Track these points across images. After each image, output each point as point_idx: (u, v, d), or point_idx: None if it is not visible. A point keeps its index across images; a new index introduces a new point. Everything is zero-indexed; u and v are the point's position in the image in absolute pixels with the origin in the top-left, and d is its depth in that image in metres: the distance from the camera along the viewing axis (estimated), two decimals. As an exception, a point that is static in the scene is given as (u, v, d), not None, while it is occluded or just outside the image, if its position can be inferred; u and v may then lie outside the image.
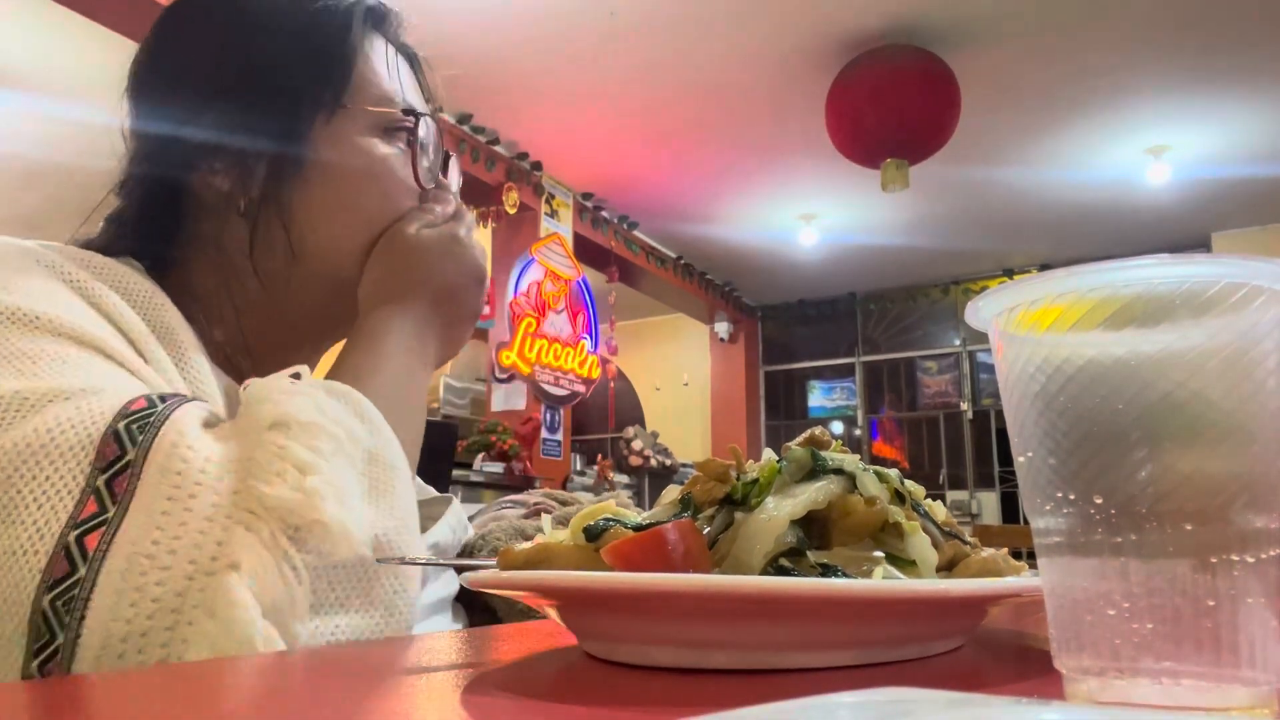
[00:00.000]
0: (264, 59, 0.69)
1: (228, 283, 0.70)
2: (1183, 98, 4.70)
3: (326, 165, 0.69)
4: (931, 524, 0.46)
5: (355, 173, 0.70)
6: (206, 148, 0.68)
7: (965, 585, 0.38)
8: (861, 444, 8.06)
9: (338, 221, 0.70)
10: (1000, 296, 0.30)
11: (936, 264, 7.26)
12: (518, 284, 5.30)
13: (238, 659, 0.42)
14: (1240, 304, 0.27)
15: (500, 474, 4.77)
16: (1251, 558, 0.26)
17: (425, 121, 0.73)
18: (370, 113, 0.71)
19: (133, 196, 0.71)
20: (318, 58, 0.69)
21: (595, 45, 4.24)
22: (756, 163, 5.46)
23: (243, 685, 0.36)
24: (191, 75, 0.70)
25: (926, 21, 4.03)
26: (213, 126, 0.67)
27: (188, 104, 0.68)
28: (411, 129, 0.73)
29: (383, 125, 0.71)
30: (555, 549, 0.44)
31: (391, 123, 0.72)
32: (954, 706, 0.21)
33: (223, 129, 0.68)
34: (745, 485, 0.44)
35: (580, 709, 0.32)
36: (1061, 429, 0.28)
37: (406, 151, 0.73)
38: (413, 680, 0.39)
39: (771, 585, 0.35)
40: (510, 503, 0.91)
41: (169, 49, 0.71)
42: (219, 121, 0.67)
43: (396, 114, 0.72)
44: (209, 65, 0.70)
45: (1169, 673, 0.26)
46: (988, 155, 5.27)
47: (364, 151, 0.70)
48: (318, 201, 0.69)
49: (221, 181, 0.68)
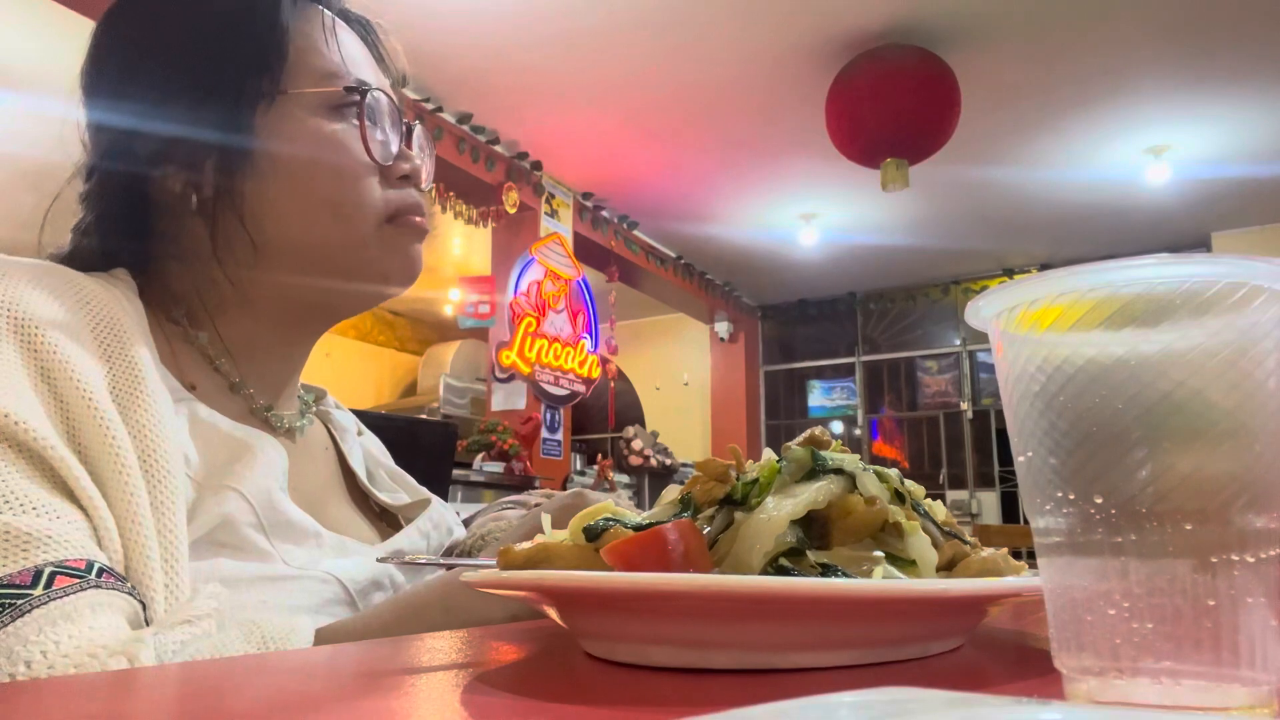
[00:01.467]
0: (196, 53, 0.68)
1: (199, 285, 0.70)
2: (1183, 98, 4.70)
3: (274, 153, 0.67)
4: (931, 524, 0.46)
5: (304, 156, 0.68)
6: (154, 149, 0.67)
7: (965, 585, 0.38)
8: (861, 444, 8.06)
9: (293, 209, 0.68)
10: (1000, 296, 0.30)
11: (936, 264, 7.26)
12: (518, 284, 5.30)
13: (238, 659, 0.42)
14: (1240, 304, 0.27)
15: (500, 474, 4.77)
16: (1251, 558, 0.26)
17: (374, 94, 0.70)
18: (312, 94, 0.68)
19: (97, 204, 0.70)
20: (248, 45, 0.68)
21: (595, 45, 4.24)
22: (756, 163, 5.46)
23: (243, 686, 0.36)
24: (131, 76, 0.69)
25: (926, 21, 4.03)
26: (156, 127, 0.67)
27: (131, 106, 0.68)
28: (358, 103, 0.69)
29: (329, 104, 0.69)
30: (555, 549, 0.44)
31: (336, 100, 0.69)
32: (954, 706, 0.21)
33: (165, 128, 0.67)
34: (745, 485, 0.44)
35: (580, 709, 0.32)
36: (1061, 428, 0.28)
37: (369, 128, 0.70)
38: (413, 680, 0.39)
39: (771, 585, 0.35)
40: (511, 503, 0.91)
41: (107, 52, 0.70)
42: (161, 121, 0.67)
43: (338, 91, 0.69)
44: (146, 65, 0.69)
45: (1169, 673, 0.26)
46: (988, 155, 5.27)
47: (310, 133, 0.68)
48: (270, 191, 0.67)
49: (173, 182, 0.68)
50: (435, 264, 7.02)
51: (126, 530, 0.51)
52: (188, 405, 0.64)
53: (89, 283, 0.61)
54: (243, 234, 0.67)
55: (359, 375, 7.94)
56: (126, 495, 0.52)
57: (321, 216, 0.68)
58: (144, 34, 0.70)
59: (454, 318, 7.59)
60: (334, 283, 0.70)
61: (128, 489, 0.52)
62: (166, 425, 0.57)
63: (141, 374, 0.58)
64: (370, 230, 0.70)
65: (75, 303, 0.58)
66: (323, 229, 0.68)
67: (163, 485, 0.54)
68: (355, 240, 0.69)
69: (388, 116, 0.72)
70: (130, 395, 0.56)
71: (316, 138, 0.68)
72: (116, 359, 0.57)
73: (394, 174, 0.71)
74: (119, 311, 0.60)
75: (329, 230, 0.68)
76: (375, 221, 0.70)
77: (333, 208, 0.68)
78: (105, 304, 0.60)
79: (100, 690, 0.36)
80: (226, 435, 0.64)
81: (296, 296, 0.71)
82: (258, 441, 0.65)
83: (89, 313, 0.58)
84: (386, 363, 8.42)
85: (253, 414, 0.71)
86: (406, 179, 0.73)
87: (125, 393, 0.56)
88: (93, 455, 0.52)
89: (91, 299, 0.59)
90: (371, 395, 8.06)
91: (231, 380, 0.70)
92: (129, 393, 0.56)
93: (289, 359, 0.75)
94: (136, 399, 0.56)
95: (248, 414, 0.71)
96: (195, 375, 0.68)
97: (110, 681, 0.38)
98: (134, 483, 0.52)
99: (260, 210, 0.67)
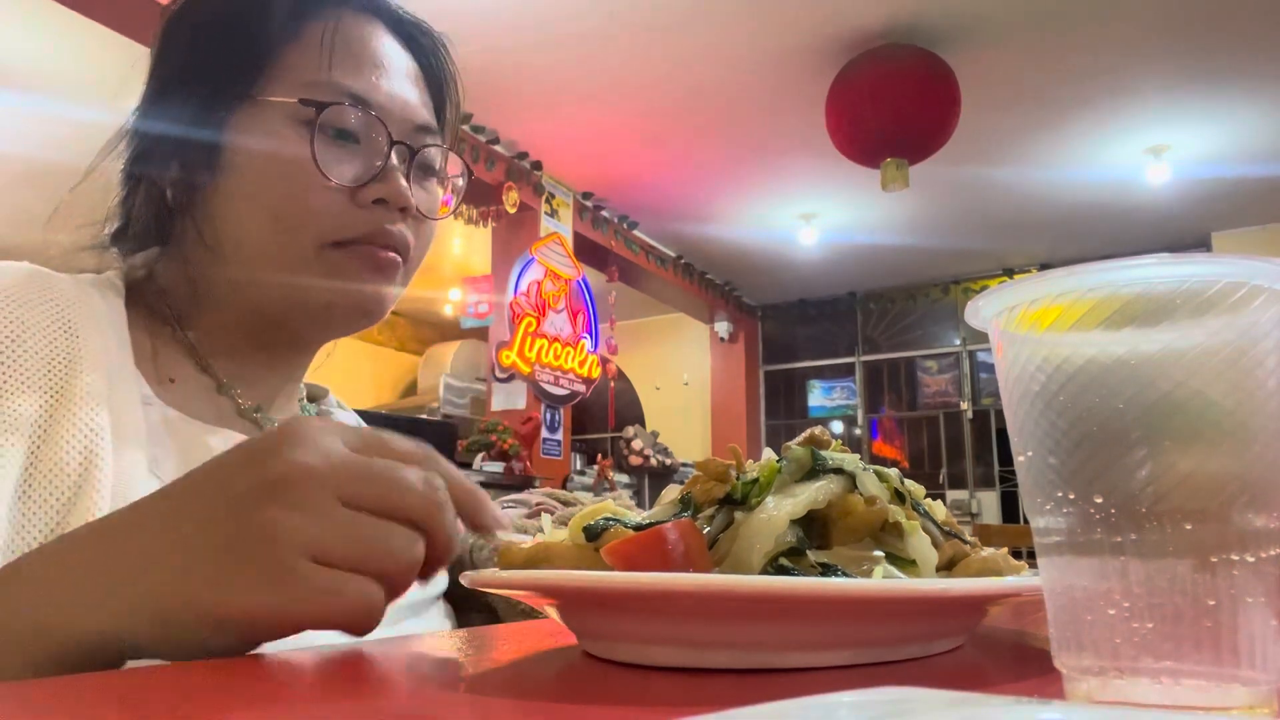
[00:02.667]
0: (188, 52, 0.69)
1: (180, 283, 0.70)
2: (1183, 98, 4.70)
3: (236, 156, 0.66)
4: (931, 523, 0.46)
5: (260, 164, 0.65)
6: (146, 145, 0.68)
7: (965, 585, 0.38)
8: (861, 443, 8.06)
9: (244, 217, 0.66)
10: (1000, 296, 0.30)
11: (936, 264, 7.26)
12: (518, 283, 5.31)
13: (236, 659, 0.42)
14: (1240, 303, 0.27)
15: (500, 474, 4.77)
16: (1251, 557, 0.26)
17: (344, 110, 0.66)
18: (279, 103, 0.65)
19: (117, 194, 0.72)
20: (227, 48, 0.68)
21: (595, 45, 4.24)
22: (756, 162, 5.46)
23: (243, 686, 0.36)
24: (151, 74, 0.70)
25: (926, 21, 4.03)
26: (148, 123, 0.68)
27: (143, 102, 0.70)
28: (316, 117, 0.65)
29: (303, 117, 0.65)
30: (555, 548, 0.44)
31: (302, 113, 0.65)
32: (954, 706, 0.21)
33: (154, 125, 0.68)
34: (745, 485, 0.44)
35: (580, 709, 0.32)
36: (1061, 428, 0.28)
37: (341, 144, 0.66)
38: (413, 680, 0.39)
39: (771, 585, 0.35)
40: (512, 503, 0.91)
41: (153, 49, 0.72)
42: (153, 118, 0.68)
43: (293, 103, 0.65)
44: (159, 63, 0.70)
45: (1169, 672, 0.26)
46: (988, 155, 5.27)
47: (271, 142, 0.65)
48: (224, 193, 0.66)
49: (156, 178, 0.68)
50: (435, 264, 7.02)
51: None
52: (160, 409, 0.63)
53: (62, 283, 0.61)
54: (198, 231, 0.67)
55: (359, 375, 7.95)
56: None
57: (264, 222, 0.65)
58: (168, 35, 0.71)
59: (454, 318, 7.60)
60: (279, 295, 0.67)
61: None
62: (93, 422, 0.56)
63: (81, 374, 0.57)
64: (310, 247, 0.65)
65: (39, 299, 0.58)
66: (263, 235, 0.65)
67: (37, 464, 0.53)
68: (294, 253, 0.65)
69: (375, 136, 0.67)
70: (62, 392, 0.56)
71: (275, 145, 0.65)
72: (59, 358, 0.57)
73: (365, 197, 0.66)
74: (83, 314, 0.60)
75: (269, 237, 0.65)
76: (318, 240, 0.65)
77: (274, 214, 0.65)
78: (70, 304, 0.60)
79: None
80: (202, 441, 0.63)
81: (251, 303, 0.69)
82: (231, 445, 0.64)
83: (49, 310, 0.58)
84: (387, 362, 8.43)
85: (241, 416, 0.70)
86: (384, 204, 0.67)
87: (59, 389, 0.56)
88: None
89: (58, 299, 0.59)
90: (372, 395, 8.06)
91: (219, 381, 0.70)
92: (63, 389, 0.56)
93: (277, 365, 0.74)
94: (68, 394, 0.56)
95: (235, 416, 0.70)
96: (179, 374, 0.68)
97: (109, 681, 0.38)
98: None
99: (216, 211, 0.67)
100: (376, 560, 0.40)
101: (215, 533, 0.40)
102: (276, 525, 0.39)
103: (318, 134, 0.65)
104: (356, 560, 0.40)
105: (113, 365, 0.60)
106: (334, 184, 0.65)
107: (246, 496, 0.40)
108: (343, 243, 0.66)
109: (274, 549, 0.39)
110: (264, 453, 0.41)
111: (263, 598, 0.39)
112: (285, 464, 0.40)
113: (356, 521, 0.40)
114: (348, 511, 0.40)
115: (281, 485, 0.40)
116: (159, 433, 0.61)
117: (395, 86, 0.70)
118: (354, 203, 0.66)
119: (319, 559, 0.39)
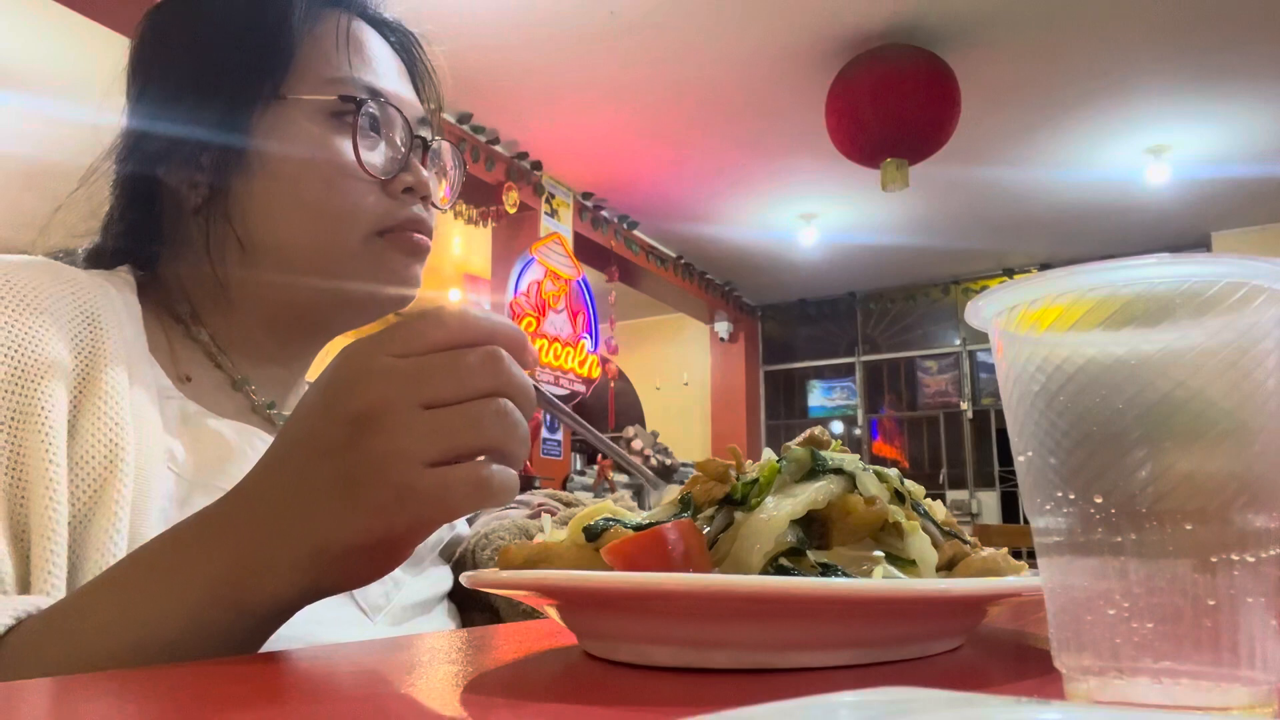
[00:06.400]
0: (203, 52, 0.69)
1: (198, 283, 0.70)
2: (1183, 98, 4.70)
3: (267, 155, 0.67)
4: (931, 523, 0.46)
5: (295, 160, 0.67)
6: (161, 147, 0.68)
7: (965, 585, 0.38)
8: (861, 444, 8.06)
9: (281, 215, 0.67)
10: (1000, 296, 0.30)
11: (936, 264, 7.26)
12: (518, 283, 5.30)
13: (236, 660, 0.42)
14: (1240, 304, 0.27)
15: (500, 474, 4.76)
16: (1251, 557, 0.26)
17: (376, 105, 0.69)
18: (310, 100, 0.67)
19: (114, 198, 0.72)
20: (252, 46, 0.68)
21: (595, 45, 4.24)
22: (756, 163, 5.46)
23: (242, 685, 0.36)
24: (154, 74, 0.70)
25: (926, 21, 4.03)
26: (163, 125, 0.68)
27: (150, 104, 0.69)
28: (353, 112, 0.68)
29: (328, 110, 0.67)
30: (555, 549, 0.44)
31: (334, 107, 0.68)
32: (954, 706, 0.21)
33: (170, 127, 0.67)
34: (745, 485, 0.44)
35: (580, 709, 0.32)
36: (1061, 428, 0.28)
37: (369, 138, 0.69)
38: (413, 680, 0.39)
39: (771, 585, 0.35)
40: (513, 503, 0.91)
41: (144, 49, 0.72)
42: (168, 120, 0.68)
43: (333, 99, 0.67)
44: (165, 64, 0.70)
45: (1169, 672, 0.26)
46: (988, 155, 5.27)
47: (304, 138, 0.67)
48: (260, 195, 0.67)
49: (175, 180, 0.68)
50: (435, 264, 7.02)
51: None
52: (179, 403, 0.64)
53: (79, 275, 0.61)
54: (234, 236, 0.67)
55: (359, 375, 7.94)
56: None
57: (307, 220, 0.67)
58: (171, 27, 0.72)
59: (454, 318, 7.58)
60: (321, 290, 0.69)
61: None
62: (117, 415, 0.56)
63: (105, 366, 0.57)
64: (357, 240, 0.68)
65: (62, 291, 0.58)
66: (308, 233, 0.67)
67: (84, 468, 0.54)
68: (341, 248, 0.68)
69: (397, 128, 0.71)
70: (87, 383, 0.56)
71: (309, 142, 0.67)
72: (84, 349, 0.57)
73: (396, 187, 0.70)
74: (104, 305, 0.60)
75: (314, 235, 0.67)
76: (364, 231, 0.68)
77: (318, 212, 0.67)
78: (91, 295, 0.60)
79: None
80: (219, 435, 0.64)
81: (285, 300, 0.70)
82: (252, 440, 0.65)
83: (72, 302, 0.59)
84: (386, 363, 8.41)
85: (255, 412, 0.71)
86: (411, 193, 0.70)
87: (84, 380, 0.56)
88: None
89: (78, 290, 0.60)
90: (371, 395, 8.05)
91: (234, 377, 0.70)
92: (88, 380, 0.57)
93: (292, 361, 0.75)
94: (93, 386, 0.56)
95: (249, 412, 0.70)
96: (194, 371, 0.68)
97: (108, 680, 0.38)
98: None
99: (249, 210, 0.67)
100: (484, 439, 0.42)
101: (331, 479, 0.42)
102: (382, 456, 0.41)
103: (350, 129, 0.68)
104: (465, 448, 0.42)
105: (132, 357, 0.61)
106: (370, 177, 0.68)
107: (343, 442, 0.42)
108: (383, 231, 0.69)
109: (390, 476, 0.41)
110: (337, 397, 0.43)
111: (408, 516, 0.42)
112: (360, 400, 0.42)
113: (447, 417, 0.42)
114: (433, 412, 0.42)
115: (366, 419, 0.41)
116: (176, 426, 0.62)
117: (397, 82, 0.73)
118: (387, 193, 0.70)
119: (436, 463, 0.41)
